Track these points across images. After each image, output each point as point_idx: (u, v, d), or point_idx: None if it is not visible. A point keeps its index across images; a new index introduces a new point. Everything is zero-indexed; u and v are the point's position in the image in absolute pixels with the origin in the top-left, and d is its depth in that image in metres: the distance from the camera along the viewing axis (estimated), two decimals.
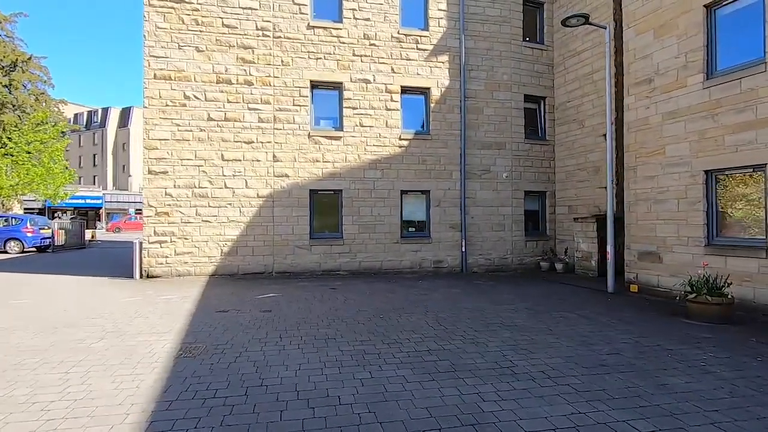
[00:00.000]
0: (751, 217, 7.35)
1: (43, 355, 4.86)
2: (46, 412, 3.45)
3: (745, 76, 7.20)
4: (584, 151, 12.61)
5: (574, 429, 3.20)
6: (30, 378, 4.16)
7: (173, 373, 4.30)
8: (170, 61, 11.12)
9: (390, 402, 3.66)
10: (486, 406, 3.59)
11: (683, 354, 5.01)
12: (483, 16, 13.04)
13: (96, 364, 4.54)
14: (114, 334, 5.75)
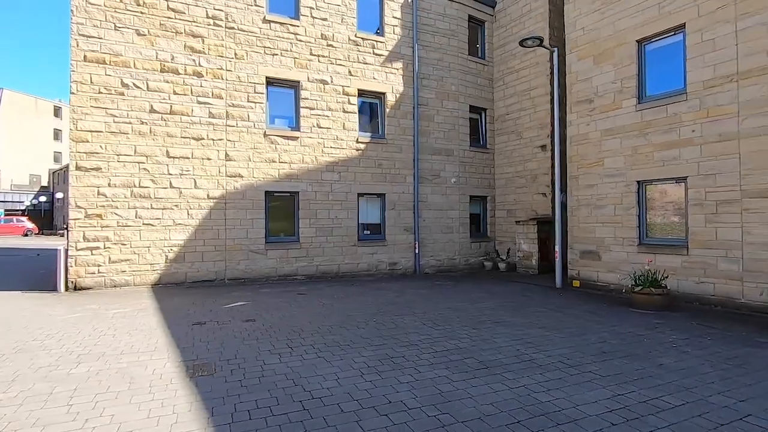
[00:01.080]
0: (675, 220, 8.80)
1: (18, 387, 4.03)
2: None
3: (670, 103, 8.62)
4: (522, 160, 13.85)
5: (625, 408, 3.62)
6: (27, 418, 3.44)
7: (204, 394, 3.89)
8: (104, 43, 9.79)
9: (453, 402, 3.76)
10: (539, 396, 3.88)
11: (654, 338, 5.87)
12: (434, 28, 13.65)
13: (99, 392, 3.91)
14: (90, 356, 4.95)
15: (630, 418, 3.45)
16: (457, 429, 3.26)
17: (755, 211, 7.46)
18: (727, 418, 3.46)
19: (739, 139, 7.66)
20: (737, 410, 3.60)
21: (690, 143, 8.32)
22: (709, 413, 3.54)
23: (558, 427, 3.28)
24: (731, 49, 7.74)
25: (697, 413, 3.54)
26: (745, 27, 7.56)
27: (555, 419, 3.42)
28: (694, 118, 8.24)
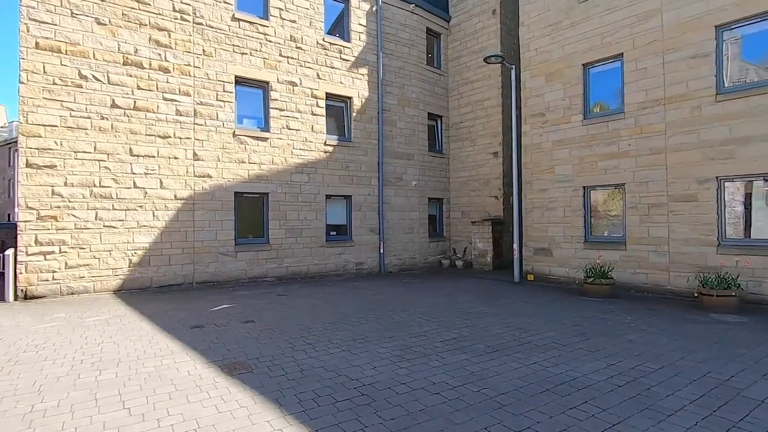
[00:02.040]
0: (614, 220, 10.26)
1: (53, 396, 3.87)
2: None
3: (611, 120, 10.05)
4: (476, 165, 14.98)
5: (621, 374, 4.45)
6: (92, 423, 3.39)
7: (258, 389, 4.05)
8: (60, 30, 9.04)
9: (486, 379, 4.33)
10: (552, 369, 4.59)
11: (614, 320, 6.96)
12: (396, 38, 14.27)
13: (147, 395, 3.90)
14: (106, 363, 4.79)
15: (628, 380, 4.27)
16: (501, 399, 3.83)
17: (678, 213, 9.03)
18: (696, 375, 4.42)
19: (665, 152, 9.21)
20: (700, 370, 4.59)
21: (627, 155, 9.79)
22: (682, 373, 4.49)
23: (580, 392, 3.99)
24: (660, 77, 9.28)
25: (673, 373, 4.46)
26: (671, 60, 9.12)
27: (574, 386, 4.14)
28: (631, 134, 9.72)
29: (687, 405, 3.70)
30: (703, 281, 7.99)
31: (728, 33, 8.55)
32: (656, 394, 3.94)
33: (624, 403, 3.73)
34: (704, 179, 8.70)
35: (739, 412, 3.55)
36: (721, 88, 8.57)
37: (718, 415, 3.51)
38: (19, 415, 3.50)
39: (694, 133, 8.81)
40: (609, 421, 3.40)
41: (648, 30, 9.46)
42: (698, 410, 3.60)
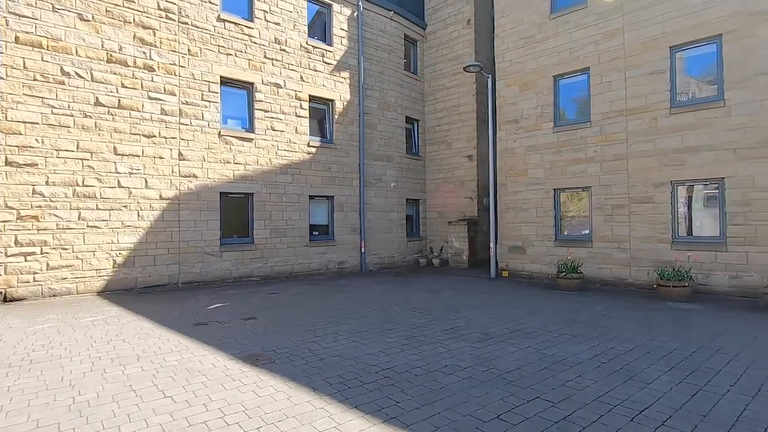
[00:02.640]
0: (582, 220, 11.18)
1: (87, 390, 4.00)
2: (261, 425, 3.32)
3: (579, 128, 10.97)
4: (451, 167, 15.67)
5: (603, 353, 5.10)
6: (142, 410, 3.59)
7: (288, 375, 4.35)
8: (41, 25, 8.80)
9: (491, 360, 4.85)
10: (545, 351, 5.19)
11: (587, 309, 7.73)
12: (376, 43, 14.71)
13: (183, 385, 4.11)
14: (126, 359, 4.91)
15: (610, 358, 4.93)
16: (508, 376, 4.35)
17: (638, 213, 10.03)
18: (664, 353, 5.14)
19: (627, 158, 10.19)
20: (666, 348, 5.33)
21: (593, 160, 10.73)
22: (652, 351, 5.20)
23: (572, 368, 4.59)
24: (622, 91, 10.26)
25: (645, 352, 5.17)
26: (631, 76, 10.11)
27: (566, 364, 4.73)
28: (596, 141, 10.66)
29: (661, 375, 4.37)
30: (661, 274, 8.96)
31: (680, 53, 9.61)
32: (635, 367, 4.60)
33: (610, 376, 4.35)
34: (660, 183, 9.73)
35: (703, 379, 4.26)
36: (675, 103, 9.62)
37: (686, 382, 4.19)
38: (64, 406, 3.64)
39: (652, 142, 9.82)
40: (602, 389, 3.99)
41: (612, 47, 10.42)
42: (671, 378, 4.27)
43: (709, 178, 9.17)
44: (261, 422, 3.34)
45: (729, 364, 4.69)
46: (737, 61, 8.77)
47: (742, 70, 8.71)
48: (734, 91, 8.81)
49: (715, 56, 9.14)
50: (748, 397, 3.81)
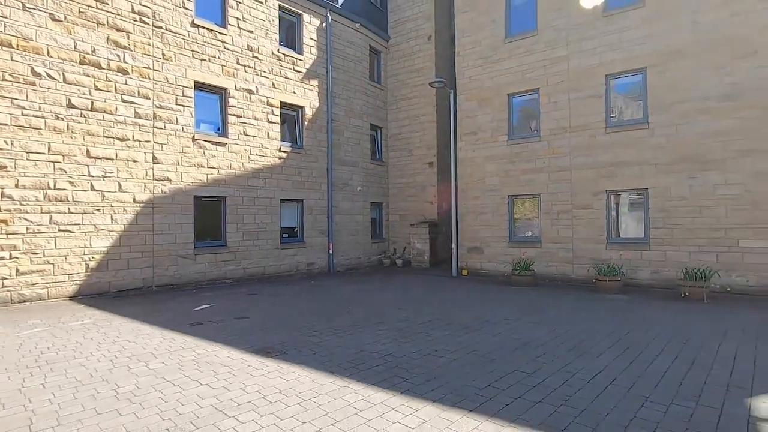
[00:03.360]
0: (531, 223, 12.56)
1: (122, 384, 4.37)
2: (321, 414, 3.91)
3: (530, 142, 12.33)
4: (413, 173, 16.66)
5: (559, 336, 6.19)
6: (187, 395, 4.06)
7: (306, 364, 4.95)
8: (10, 24, 8.58)
9: (472, 344, 5.74)
10: (513, 335, 6.18)
11: (540, 301, 8.93)
12: (343, 53, 15.34)
13: (212, 373, 4.59)
14: (142, 357, 5.24)
15: (565, 339, 6.01)
16: (490, 356, 5.26)
17: (579, 218, 11.52)
18: (605, 333, 6.32)
19: (570, 170, 11.66)
20: (606, 330, 6.53)
21: (542, 171, 12.12)
22: (596, 333, 6.37)
23: (538, 348, 5.59)
24: (566, 110, 11.72)
25: (591, 334, 6.32)
26: (574, 98, 11.59)
27: (532, 345, 5.74)
28: (545, 154, 12.06)
29: (606, 350, 5.49)
30: (598, 270, 10.44)
31: (614, 81, 11.21)
32: (585, 345, 5.70)
33: (568, 352, 5.40)
34: (597, 192, 11.27)
35: (636, 351, 5.42)
36: (609, 123, 11.20)
37: (624, 354, 5.33)
38: (111, 396, 4.03)
39: (590, 156, 11.35)
40: (564, 361, 5.01)
41: (558, 72, 11.87)
42: (613, 353, 5.39)
43: (636, 188, 10.81)
44: (299, 399, 3.96)
45: (654, 340, 5.93)
46: (658, 91, 10.45)
47: (662, 98, 10.40)
48: (656, 116, 10.49)
49: (642, 85, 10.80)
50: (670, 361, 4.98)
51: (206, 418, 3.58)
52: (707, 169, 9.86)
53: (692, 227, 10.02)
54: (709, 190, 9.83)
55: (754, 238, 9.34)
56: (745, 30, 9.46)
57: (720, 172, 9.71)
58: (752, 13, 9.42)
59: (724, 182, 9.68)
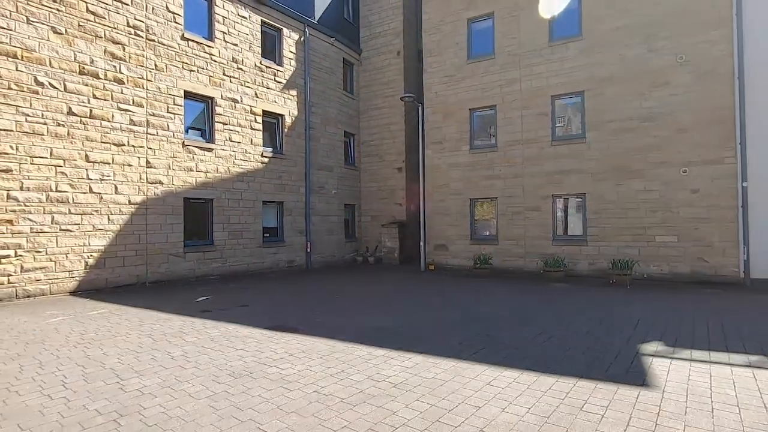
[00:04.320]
0: (490, 223, 14.27)
1: (173, 348, 5.41)
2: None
3: (489, 152, 14.05)
4: (383, 178, 18.05)
5: (509, 312, 7.74)
6: (232, 358, 5.18)
7: (321, 336, 6.16)
8: (16, 36, 9.14)
9: (444, 317, 7.16)
10: (473, 311, 7.66)
11: (496, 289, 10.54)
12: (319, 65, 16.49)
13: (243, 344, 5.71)
14: (171, 335, 6.25)
15: (520, 315, 7.57)
16: (458, 325, 6.69)
17: (530, 218, 13.34)
18: (549, 310, 7.95)
19: (523, 177, 13.46)
20: (551, 308, 8.17)
21: (499, 177, 13.87)
22: (542, 309, 7.99)
23: (492, 320, 7.10)
24: (519, 125, 13.52)
25: (538, 310, 7.93)
26: (526, 115, 13.41)
27: (488, 318, 7.23)
28: (501, 163, 13.81)
29: (549, 320, 7.07)
30: (545, 263, 12.24)
31: (558, 101, 13.11)
32: (530, 317, 7.28)
33: (517, 323, 6.94)
34: (545, 196, 13.12)
35: (568, 321, 7.04)
36: (554, 137, 13.09)
37: (559, 323, 6.93)
38: (168, 358, 5.07)
39: (539, 165, 13.19)
40: (511, 329, 6.53)
41: (512, 91, 13.65)
42: (551, 321, 6.99)
43: (576, 193, 12.73)
44: (320, 355, 5.19)
45: (582, 313, 7.61)
46: (593, 111, 12.43)
47: (596, 117, 12.38)
48: (591, 132, 12.46)
49: (581, 106, 12.75)
50: (591, 326, 6.62)
51: (254, 367, 4.75)
52: (631, 177, 11.91)
53: (620, 226, 12.04)
54: (633, 195, 11.88)
55: (666, 235, 11.45)
56: (660, 64, 11.57)
57: (641, 180, 11.78)
58: (665, 50, 11.54)
59: (643, 189, 11.75)
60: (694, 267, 11.16)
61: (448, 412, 3.60)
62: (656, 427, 3.31)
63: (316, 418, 3.50)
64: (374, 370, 4.66)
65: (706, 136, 11.09)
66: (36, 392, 4.07)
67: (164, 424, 3.39)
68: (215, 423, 3.41)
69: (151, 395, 3.98)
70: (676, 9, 11.42)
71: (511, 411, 3.61)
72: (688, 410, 3.60)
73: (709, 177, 11.08)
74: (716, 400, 3.78)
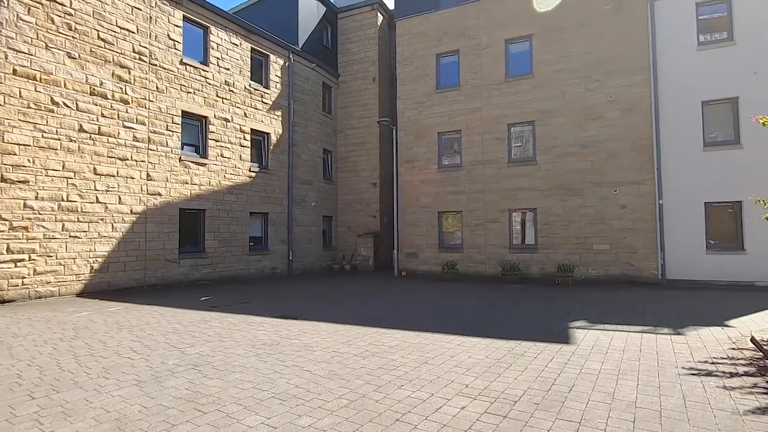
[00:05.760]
0: (455, 234, 16.10)
1: (211, 331, 6.66)
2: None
3: (455, 170, 15.95)
4: (359, 191, 19.61)
5: (473, 306, 9.44)
6: (263, 333, 6.50)
7: (326, 321, 7.56)
8: (35, 60, 10.11)
9: (420, 310, 8.73)
10: (440, 304, 9.29)
11: (461, 289, 12.26)
12: (302, 88, 17.98)
13: (262, 327, 7.03)
14: (197, 323, 7.46)
15: (482, 306, 9.26)
16: (433, 313, 8.28)
17: (490, 229, 15.26)
18: (507, 302, 9.70)
19: (484, 192, 15.42)
20: (507, 301, 9.94)
21: (464, 193, 15.76)
22: (499, 303, 9.73)
23: (462, 309, 8.75)
24: (480, 147, 15.53)
25: (495, 302, 9.67)
26: (486, 139, 15.44)
27: (453, 310, 8.88)
28: (465, 180, 15.73)
29: (502, 308, 8.80)
30: (503, 267, 14.14)
31: (513, 128, 15.23)
32: (491, 308, 8.99)
33: (480, 311, 8.62)
34: (503, 210, 15.11)
35: (523, 308, 8.80)
36: (511, 159, 15.16)
37: (514, 310, 8.67)
38: (204, 336, 6.33)
39: (498, 183, 15.20)
40: (475, 315, 8.20)
41: (474, 118, 15.68)
42: (507, 309, 8.72)
43: (529, 207, 14.80)
44: (326, 332, 6.62)
45: (531, 304, 9.40)
46: (542, 138, 14.60)
47: (545, 143, 14.55)
48: (541, 156, 14.61)
49: (532, 133, 14.91)
50: (524, 310, 8.38)
51: (279, 340, 6.12)
52: (573, 195, 14.09)
53: (564, 236, 14.15)
54: (575, 209, 14.05)
55: (601, 243, 13.64)
56: (594, 101, 13.92)
57: (581, 197, 13.98)
58: (598, 90, 13.90)
59: (583, 204, 13.95)
60: (623, 270, 13.38)
61: (431, 359, 5.16)
62: (568, 362, 5.00)
63: (340, 364, 4.95)
64: (373, 339, 6.15)
65: (631, 162, 13.45)
66: (116, 356, 5.28)
67: (231, 369, 4.74)
68: (269, 368, 4.80)
69: (209, 355, 5.29)
70: (606, 57, 13.85)
71: (474, 357, 5.21)
72: (590, 354, 5.34)
73: (635, 195, 13.41)
74: (610, 350, 5.55)
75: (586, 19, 14.20)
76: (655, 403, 3.70)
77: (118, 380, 4.36)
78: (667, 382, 4.23)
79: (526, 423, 3.32)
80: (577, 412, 3.52)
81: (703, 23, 13.03)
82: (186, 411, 3.57)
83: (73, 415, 3.47)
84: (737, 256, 12.17)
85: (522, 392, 3.99)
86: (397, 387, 4.16)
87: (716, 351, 5.43)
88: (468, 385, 4.18)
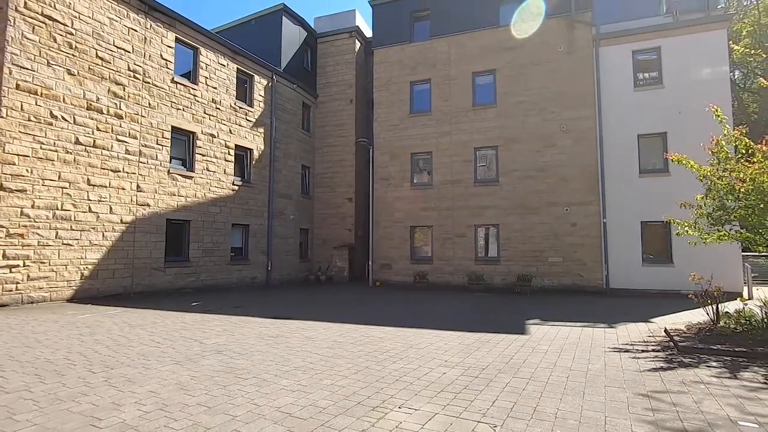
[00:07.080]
0: (426, 247, 17.40)
1: (217, 328, 7.47)
2: None
3: (426, 188, 17.35)
4: (335, 206, 20.64)
5: (442, 311, 10.67)
6: (269, 329, 7.39)
7: (327, 320, 8.51)
8: (37, 76, 10.66)
9: (400, 314, 9.86)
10: (415, 308, 10.46)
11: (431, 298, 13.49)
12: (283, 108, 18.99)
13: (259, 328, 7.91)
14: (201, 322, 8.24)
15: (446, 309, 10.49)
16: (409, 315, 9.42)
17: (458, 243, 16.68)
18: (469, 307, 10.98)
19: (453, 209, 16.87)
20: (467, 306, 11.23)
21: (434, 209, 17.15)
22: (464, 307, 11.01)
23: (430, 315, 9.94)
24: (449, 168, 17.03)
25: (460, 307, 10.93)
26: (455, 161, 16.97)
27: (427, 314, 10.08)
28: (436, 197, 17.15)
29: (469, 312, 10.06)
30: (469, 278, 15.52)
31: (479, 151, 16.86)
32: (460, 311, 10.23)
33: (450, 313, 9.85)
34: (470, 225, 16.59)
35: (486, 311, 10.10)
36: (476, 179, 16.74)
37: (478, 311, 9.95)
38: (212, 331, 7.16)
39: (465, 200, 16.70)
40: (448, 316, 9.41)
41: (444, 142, 17.21)
42: (470, 312, 9.99)
43: (493, 223, 16.35)
44: (322, 329, 7.60)
45: (494, 307, 10.74)
46: (504, 161, 16.28)
47: (507, 166, 16.23)
48: (503, 177, 16.26)
49: (495, 156, 16.57)
50: (500, 314, 9.70)
51: (282, 334, 7.06)
52: (531, 213, 15.77)
53: (523, 249, 15.76)
54: (532, 226, 15.71)
55: (555, 256, 15.33)
56: (550, 130, 15.78)
57: (537, 215, 15.68)
58: (553, 120, 15.78)
59: (540, 221, 15.64)
60: (574, 280, 15.08)
61: (415, 344, 6.29)
62: (523, 346, 6.27)
63: (341, 348, 5.99)
64: (363, 333, 7.21)
65: (580, 185, 15.31)
66: (143, 346, 6.06)
67: (251, 353, 5.67)
68: (282, 352, 5.76)
69: (226, 345, 6.17)
70: (559, 92, 15.80)
71: (449, 344, 6.38)
72: (541, 341, 6.64)
73: (583, 214, 15.23)
74: (556, 338, 6.88)
75: (543, 58, 16.15)
76: (584, 367, 5.00)
77: (158, 361, 5.20)
78: (595, 356, 5.57)
79: (491, 380, 4.51)
80: (528, 372, 4.75)
81: (639, 66, 15.23)
82: (229, 378, 4.51)
83: (137, 382, 4.34)
84: (667, 268, 14.13)
85: (488, 363, 5.19)
86: (392, 362, 5.25)
87: (636, 338, 6.88)
88: (447, 361, 5.34)
